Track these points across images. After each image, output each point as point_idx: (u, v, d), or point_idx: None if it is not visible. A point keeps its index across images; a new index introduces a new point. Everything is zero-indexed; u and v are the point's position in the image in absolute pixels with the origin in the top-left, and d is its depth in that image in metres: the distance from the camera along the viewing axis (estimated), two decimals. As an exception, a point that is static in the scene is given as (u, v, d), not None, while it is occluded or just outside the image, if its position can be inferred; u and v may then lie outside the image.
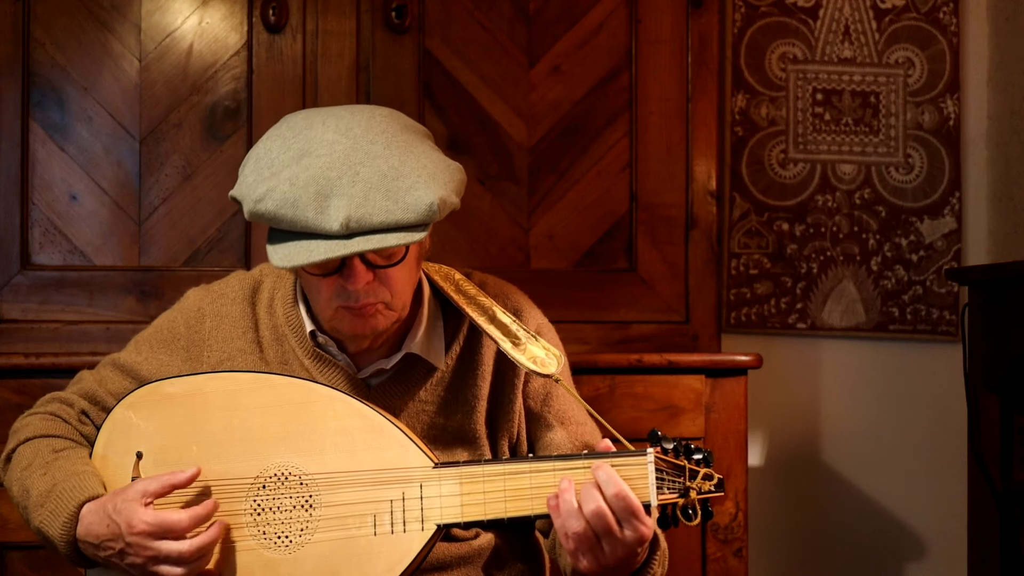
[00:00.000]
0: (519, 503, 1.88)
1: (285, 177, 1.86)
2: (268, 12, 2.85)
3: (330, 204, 1.83)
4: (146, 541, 1.87)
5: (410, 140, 1.92)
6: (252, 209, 1.87)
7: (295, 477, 1.93)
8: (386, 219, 1.83)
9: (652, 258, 2.95)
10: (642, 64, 2.96)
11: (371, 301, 1.92)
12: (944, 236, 3.60)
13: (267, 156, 1.91)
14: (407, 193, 1.84)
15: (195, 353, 2.10)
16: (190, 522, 1.88)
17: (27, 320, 2.81)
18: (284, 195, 1.84)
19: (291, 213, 1.84)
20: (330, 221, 1.83)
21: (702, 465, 1.85)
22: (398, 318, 1.98)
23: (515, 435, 2.10)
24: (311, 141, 1.89)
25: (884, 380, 3.62)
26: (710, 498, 1.85)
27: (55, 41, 2.83)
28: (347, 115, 1.93)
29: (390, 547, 1.89)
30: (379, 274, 1.91)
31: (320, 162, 1.85)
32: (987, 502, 3.29)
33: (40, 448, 2.03)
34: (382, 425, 1.92)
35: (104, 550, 1.91)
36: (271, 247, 1.87)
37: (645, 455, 1.82)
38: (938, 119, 3.61)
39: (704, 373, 2.84)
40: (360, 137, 1.88)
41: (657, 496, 1.82)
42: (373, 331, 1.97)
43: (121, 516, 1.88)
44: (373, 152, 1.87)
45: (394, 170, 1.86)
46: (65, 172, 2.83)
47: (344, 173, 1.84)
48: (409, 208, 1.84)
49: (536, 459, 1.89)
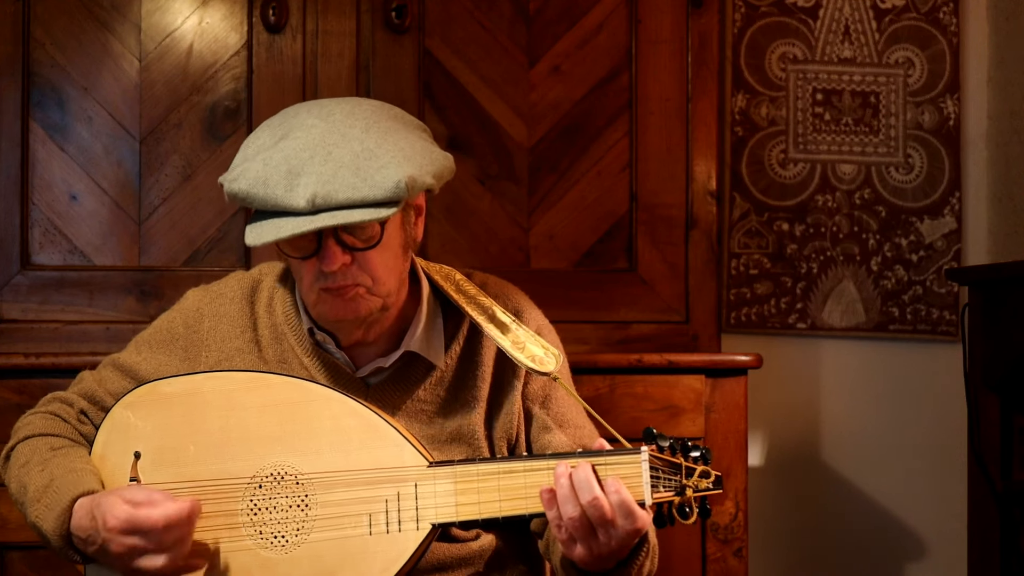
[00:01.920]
0: (514, 502, 1.88)
1: (260, 158, 1.89)
2: (268, 12, 2.86)
3: (299, 182, 1.85)
4: (118, 537, 1.87)
5: (394, 127, 1.93)
6: (227, 188, 1.90)
7: (291, 477, 1.93)
8: (352, 195, 1.84)
9: (652, 258, 2.95)
10: (642, 64, 2.96)
11: (349, 283, 1.93)
12: (944, 236, 3.60)
13: (254, 143, 1.94)
14: (376, 172, 1.85)
15: (193, 353, 2.10)
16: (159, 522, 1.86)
17: (27, 320, 2.81)
18: (256, 174, 1.87)
19: (262, 191, 1.86)
20: (297, 198, 1.84)
21: (699, 463, 1.85)
22: (383, 305, 1.98)
23: (514, 436, 2.09)
24: (292, 127, 1.91)
25: (884, 380, 3.62)
26: (708, 496, 1.85)
27: (55, 41, 2.83)
28: (333, 104, 1.95)
29: (386, 547, 1.89)
30: (357, 257, 1.92)
31: (295, 143, 1.88)
32: (987, 502, 3.28)
33: (39, 446, 2.04)
34: (378, 425, 1.93)
35: (90, 544, 1.91)
36: (248, 227, 1.90)
37: (639, 453, 1.82)
38: (938, 119, 3.61)
39: (704, 373, 2.84)
40: (339, 121, 1.90)
41: (652, 494, 1.81)
42: (355, 315, 1.96)
43: (99, 511, 1.88)
44: (350, 135, 1.88)
45: (368, 151, 1.87)
46: (65, 172, 2.83)
47: (317, 153, 1.86)
48: (376, 185, 1.84)
49: (530, 458, 1.89)
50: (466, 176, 2.89)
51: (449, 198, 2.90)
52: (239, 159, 1.94)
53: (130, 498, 1.88)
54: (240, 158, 1.94)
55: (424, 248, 2.87)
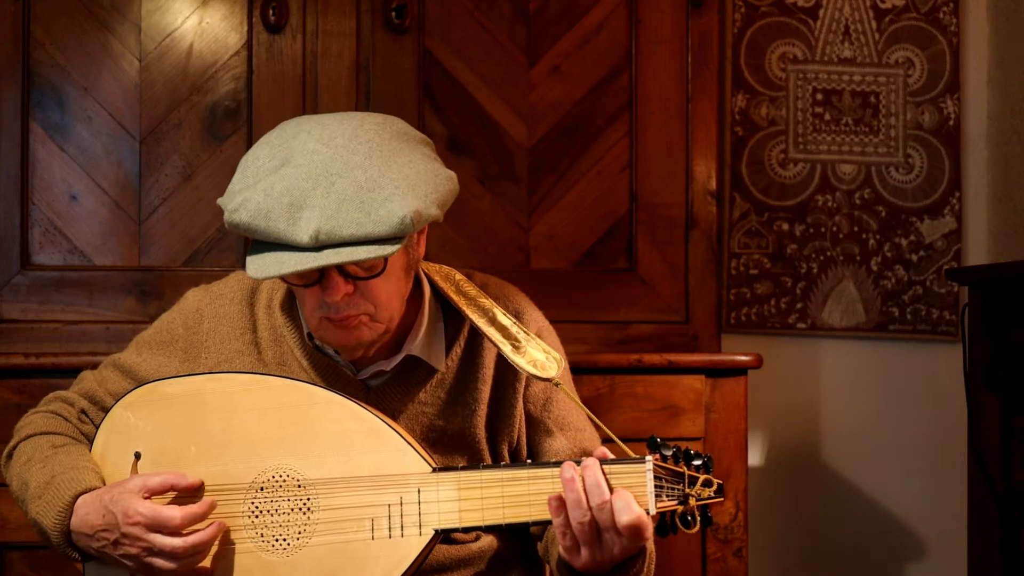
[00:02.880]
0: (517, 509, 1.87)
1: (261, 187, 1.84)
2: (268, 12, 2.85)
3: (302, 216, 1.81)
4: (141, 532, 1.87)
5: (398, 148, 1.89)
6: (227, 219, 1.86)
7: (293, 480, 1.93)
8: (356, 232, 1.81)
9: (652, 258, 2.95)
10: (642, 64, 2.96)
11: (353, 313, 1.91)
12: (944, 236, 3.60)
13: (254, 164, 1.90)
14: (381, 205, 1.82)
15: (193, 354, 2.10)
16: (183, 520, 1.88)
17: (27, 320, 2.81)
18: (258, 206, 1.83)
19: (264, 224, 1.83)
20: (300, 233, 1.81)
21: (702, 471, 1.84)
22: (385, 330, 1.96)
23: (515, 440, 2.09)
24: (293, 150, 1.87)
25: (884, 380, 3.62)
26: (710, 504, 1.85)
27: (55, 41, 2.83)
28: (334, 124, 1.90)
29: (388, 551, 1.88)
30: (360, 286, 1.90)
31: (297, 172, 1.84)
32: (987, 502, 3.29)
33: (40, 444, 2.04)
34: (380, 429, 1.92)
35: (98, 540, 1.91)
36: (249, 257, 1.86)
37: (644, 462, 1.82)
38: (938, 119, 3.61)
39: (704, 373, 2.84)
40: (341, 147, 1.86)
41: (656, 504, 1.81)
42: (358, 342, 1.95)
43: (118, 506, 1.88)
44: (352, 163, 1.84)
45: (371, 181, 1.83)
46: (65, 172, 2.83)
47: (319, 184, 1.82)
48: (381, 221, 1.81)
49: (534, 465, 1.89)
50: (466, 176, 2.89)
51: (449, 198, 2.89)
52: (238, 181, 1.90)
53: (145, 486, 1.89)
54: (239, 180, 1.90)
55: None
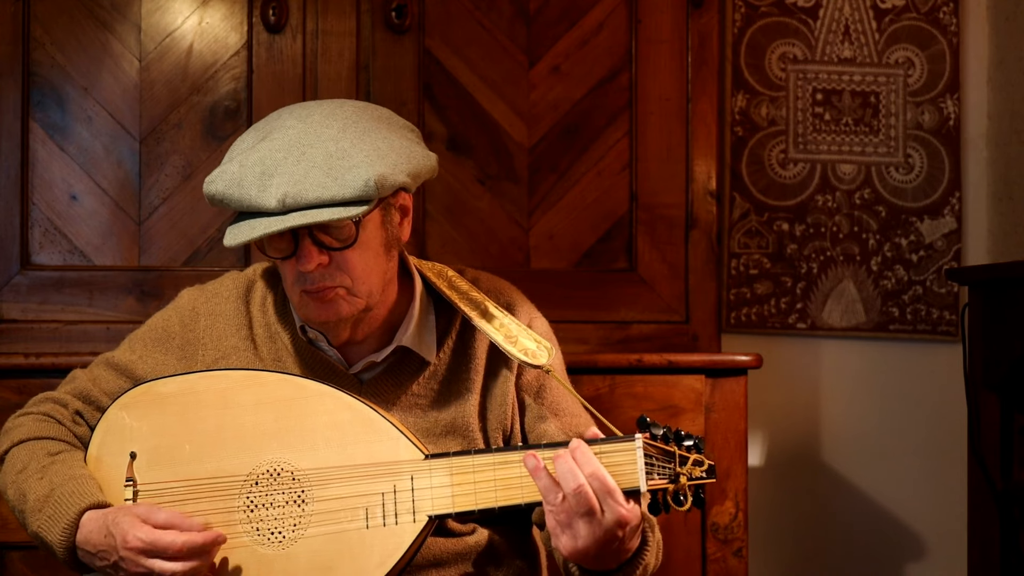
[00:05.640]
0: (509, 492, 1.88)
1: (238, 160, 1.90)
2: (268, 12, 2.86)
3: (272, 183, 1.86)
4: (138, 557, 1.87)
5: (375, 128, 1.94)
6: (205, 190, 1.92)
7: (287, 473, 1.93)
8: (321, 195, 1.85)
9: (652, 258, 2.95)
10: (642, 64, 2.96)
11: (328, 285, 1.94)
12: (944, 236, 3.60)
13: (239, 145, 1.96)
14: (348, 171, 1.86)
15: (190, 352, 2.10)
16: (183, 547, 1.87)
17: (27, 320, 2.82)
18: (232, 175, 1.89)
19: (237, 192, 1.88)
20: (268, 198, 1.85)
21: (693, 451, 1.85)
22: (366, 306, 1.98)
23: (509, 427, 2.10)
24: (273, 128, 1.93)
25: (884, 380, 3.62)
26: (702, 484, 1.85)
27: (55, 41, 2.84)
28: (315, 105, 1.96)
29: (383, 539, 1.89)
30: (335, 257, 1.92)
31: (272, 144, 1.89)
32: (987, 502, 3.28)
33: (35, 451, 2.03)
34: (373, 419, 1.93)
35: (100, 559, 1.92)
36: (227, 229, 1.91)
37: (633, 440, 1.82)
38: (938, 119, 3.61)
39: (704, 373, 2.84)
40: (317, 122, 1.91)
41: (647, 482, 1.82)
42: (337, 317, 1.97)
43: (118, 529, 1.89)
44: (325, 135, 1.89)
45: (342, 151, 1.88)
46: (65, 172, 2.83)
47: (291, 153, 1.88)
48: (346, 184, 1.85)
49: (526, 448, 1.89)
50: (466, 176, 2.90)
51: (449, 198, 2.90)
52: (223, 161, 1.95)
53: (148, 518, 1.89)
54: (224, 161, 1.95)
55: (424, 248, 2.88)
